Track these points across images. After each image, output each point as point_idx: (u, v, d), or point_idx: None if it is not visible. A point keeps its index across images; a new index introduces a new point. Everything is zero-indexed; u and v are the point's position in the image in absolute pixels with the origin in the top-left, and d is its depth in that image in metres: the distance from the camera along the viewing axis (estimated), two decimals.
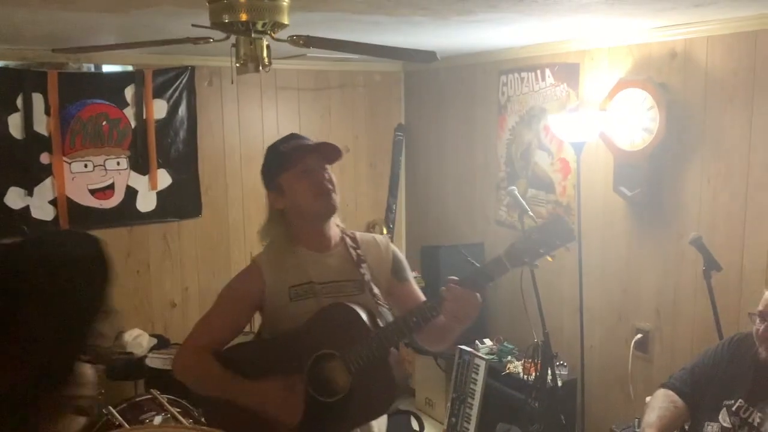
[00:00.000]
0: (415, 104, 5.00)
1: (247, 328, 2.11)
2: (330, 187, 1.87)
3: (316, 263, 1.87)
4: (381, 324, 1.81)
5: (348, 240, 1.93)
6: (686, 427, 2.25)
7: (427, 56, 1.87)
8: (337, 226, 1.98)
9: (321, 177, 1.85)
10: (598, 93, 3.44)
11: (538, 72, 3.87)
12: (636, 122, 3.20)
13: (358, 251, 1.91)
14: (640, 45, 3.24)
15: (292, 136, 1.93)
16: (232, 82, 2.99)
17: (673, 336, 3.22)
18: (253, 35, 1.85)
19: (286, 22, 1.90)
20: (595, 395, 3.62)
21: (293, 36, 1.90)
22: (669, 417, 2.11)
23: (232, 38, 1.92)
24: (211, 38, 1.95)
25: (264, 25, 1.84)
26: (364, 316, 1.78)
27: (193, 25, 1.65)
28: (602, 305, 3.59)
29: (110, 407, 3.07)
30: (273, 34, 1.91)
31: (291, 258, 1.87)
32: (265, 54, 1.92)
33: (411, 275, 2.01)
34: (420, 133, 4.96)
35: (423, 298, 1.95)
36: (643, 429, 2.09)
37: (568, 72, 3.67)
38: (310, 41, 1.89)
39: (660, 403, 2.17)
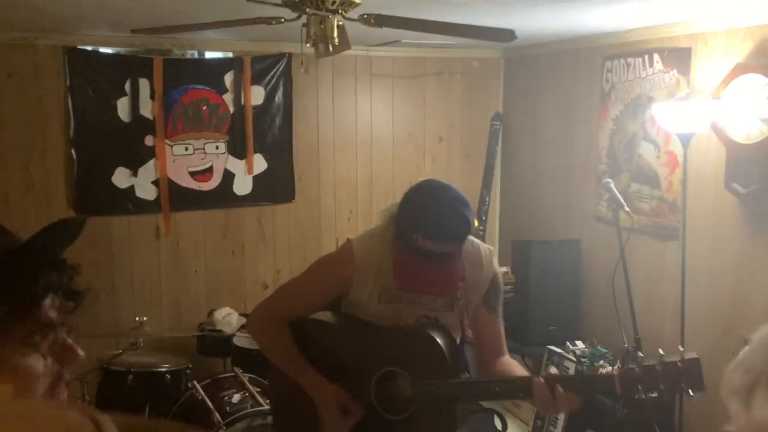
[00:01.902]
0: (514, 92, 4.81)
1: None
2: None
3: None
4: (459, 367, 1.73)
5: None
6: None
7: (504, 35, 1.76)
8: None
9: (422, 287, 1.74)
10: (712, 80, 3.14)
11: (646, 57, 3.59)
12: (753, 112, 2.88)
13: (462, 264, 1.77)
14: (760, 26, 2.91)
15: (444, 232, 1.66)
16: (302, 63, 2.99)
17: None
18: (323, 13, 1.81)
19: (357, 1, 1.84)
20: (696, 410, 3.32)
21: (364, 15, 1.85)
22: None
23: (303, 18, 1.89)
24: (282, 18, 1.94)
25: (334, 3, 1.80)
26: (446, 352, 1.68)
27: (253, 1, 1.63)
28: (707, 313, 3.29)
29: (195, 381, 3.18)
30: (344, 13, 1.86)
31: (388, 255, 1.78)
32: (335, 34, 1.88)
33: (501, 306, 1.88)
34: (518, 123, 4.77)
35: (501, 331, 1.84)
36: None
37: (679, 57, 3.37)
38: (380, 20, 1.82)
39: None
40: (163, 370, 3.26)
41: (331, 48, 1.90)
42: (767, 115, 2.82)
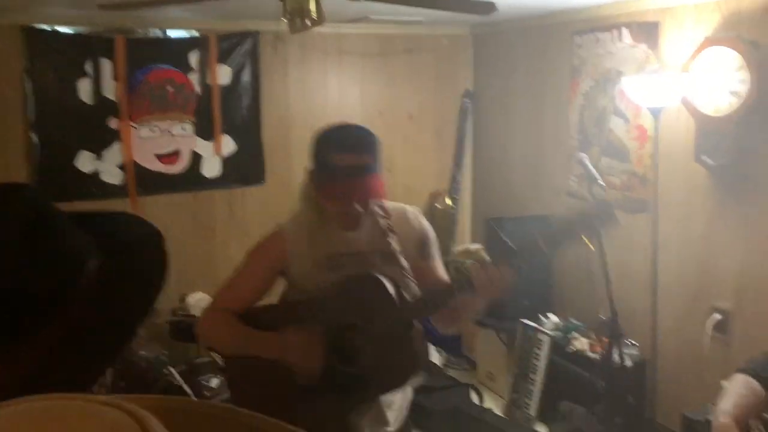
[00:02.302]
0: (483, 69, 4.80)
1: None
2: (358, 214, 1.79)
3: (344, 236, 1.85)
4: (408, 297, 1.77)
5: (377, 209, 1.86)
6: (766, 416, 2.06)
7: (485, 7, 1.74)
8: None
9: (353, 209, 1.77)
10: (681, 54, 3.18)
11: (615, 32, 3.61)
12: (722, 85, 2.92)
13: (388, 222, 1.86)
14: (728, 0, 2.95)
15: (349, 142, 1.77)
16: (282, 38, 2.91)
17: (756, 318, 2.98)
18: None
19: None
20: (667, 378, 3.41)
21: None
22: (746, 405, 1.93)
23: None
24: None
25: None
26: (390, 288, 1.74)
27: None
28: (678, 284, 3.36)
29: (171, 368, 3.13)
30: None
31: (318, 229, 1.85)
32: (313, 7, 1.83)
33: (437, 252, 1.95)
34: (488, 100, 4.77)
35: (446, 277, 1.89)
36: (717, 416, 1.92)
37: (648, 31, 3.40)
38: None
39: (737, 389, 1.99)
40: (138, 357, 3.21)
41: (308, 22, 1.85)
42: (736, 88, 2.87)
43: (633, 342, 3.47)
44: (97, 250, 0.80)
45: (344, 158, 1.73)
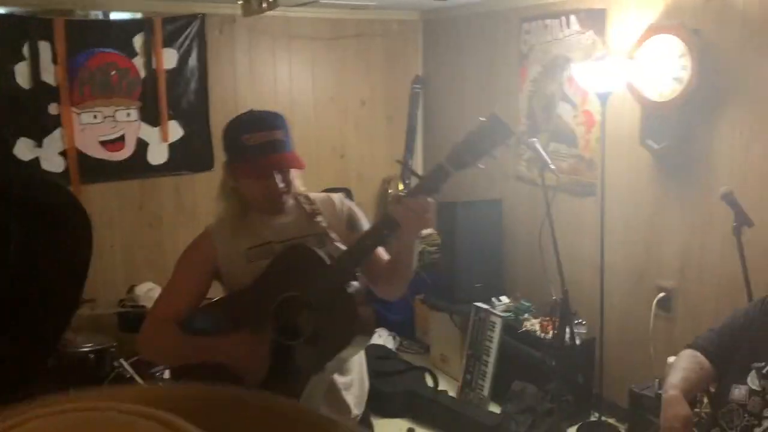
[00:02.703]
0: (433, 55, 4.82)
1: None
2: (281, 191, 1.78)
3: (271, 224, 1.85)
4: (335, 253, 1.78)
5: (301, 198, 1.89)
6: (712, 390, 2.15)
7: None
8: None
9: (274, 184, 1.76)
10: (626, 40, 3.27)
11: (563, 19, 3.68)
12: (666, 71, 3.02)
13: (313, 206, 1.88)
14: None
15: (257, 122, 1.78)
16: (234, 21, 2.85)
17: (698, 295, 3.11)
18: None
19: None
20: (614, 355, 3.53)
21: None
22: (694, 378, 2.02)
23: None
24: None
25: None
26: (320, 252, 1.75)
27: None
28: (624, 263, 3.48)
29: (122, 360, 3.05)
30: None
31: (245, 223, 1.84)
32: None
33: (364, 223, 1.96)
34: (438, 86, 4.80)
35: (381, 251, 1.88)
36: (666, 389, 2.00)
37: (595, 18, 3.48)
38: None
39: (685, 363, 2.07)
40: (86, 349, 3.11)
41: (265, 5, 1.81)
42: (679, 74, 2.97)
43: (582, 321, 3.57)
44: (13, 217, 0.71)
45: (255, 137, 1.74)
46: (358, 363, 1.95)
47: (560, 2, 3.67)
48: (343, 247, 1.81)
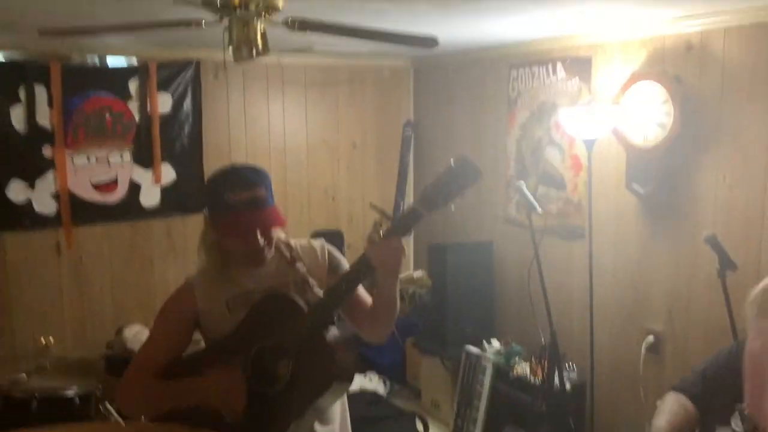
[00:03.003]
0: (424, 100, 4.91)
1: None
2: (262, 246, 1.80)
3: (252, 274, 1.86)
4: (313, 302, 1.78)
5: (281, 245, 1.90)
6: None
7: (427, 41, 1.79)
8: None
9: (255, 241, 1.78)
10: (611, 87, 3.34)
11: (550, 66, 3.77)
12: (649, 117, 3.09)
13: (292, 253, 1.89)
14: (654, 38, 3.14)
15: (240, 180, 1.78)
16: (224, 67, 2.92)
17: (687, 338, 3.11)
18: (248, 15, 1.77)
19: (280, 6, 1.82)
20: (604, 398, 3.51)
21: (288, 18, 1.83)
22: (679, 422, 2.01)
23: (225, 21, 1.85)
24: (203, 19, 1.89)
25: (257, 6, 1.77)
26: (298, 299, 1.75)
27: (175, 1, 1.58)
28: (613, 306, 3.48)
29: (107, 403, 3.01)
30: (268, 17, 1.84)
31: (225, 273, 1.85)
32: (259, 38, 1.85)
33: (344, 264, 1.96)
34: (429, 129, 4.87)
35: (365, 294, 1.90)
36: None
37: (580, 66, 3.57)
38: (305, 24, 1.81)
39: (670, 407, 2.06)
40: (71, 393, 3.07)
41: (254, 52, 1.86)
42: (662, 120, 3.03)
43: (572, 364, 3.56)
44: None
45: (237, 195, 1.74)
46: (340, 411, 1.93)
47: (547, 50, 3.77)
48: (320, 292, 1.82)
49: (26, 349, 3.24)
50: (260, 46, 1.86)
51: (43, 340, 3.04)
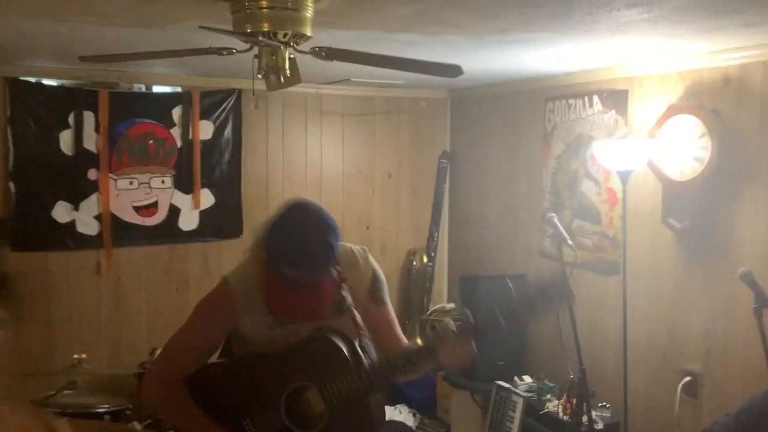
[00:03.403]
0: (460, 131, 4.93)
1: None
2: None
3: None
4: (363, 357, 1.76)
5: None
6: None
7: (451, 70, 1.81)
8: None
9: (284, 312, 1.77)
10: (648, 120, 3.30)
11: (586, 98, 3.75)
12: (686, 151, 3.03)
13: (338, 268, 1.83)
14: (691, 71, 3.09)
15: (304, 262, 1.69)
16: (253, 93, 3.01)
17: (725, 379, 2.99)
18: (275, 44, 1.83)
19: (308, 34, 1.87)
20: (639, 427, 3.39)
21: (315, 48, 1.88)
22: None
23: (255, 50, 1.91)
24: (233, 48, 1.95)
25: (286, 35, 1.82)
26: (345, 350, 1.72)
27: (203, 27, 1.64)
28: (647, 345, 3.38)
29: (135, 422, 3.06)
30: (296, 46, 1.89)
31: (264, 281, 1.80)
32: (287, 65, 1.90)
33: (388, 297, 1.94)
34: (465, 161, 4.88)
35: (396, 323, 1.90)
36: None
37: (617, 98, 3.54)
38: (331, 53, 1.86)
39: None
40: (102, 410, 3.13)
41: (282, 80, 1.91)
42: (699, 154, 2.97)
43: (605, 404, 3.45)
44: None
45: (297, 274, 1.69)
46: None
47: (584, 83, 3.75)
48: (362, 326, 1.81)
49: (62, 366, 3.32)
50: (289, 74, 1.90)
51: (76, 356, 3.11)
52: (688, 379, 3.15)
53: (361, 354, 1.77)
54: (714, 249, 3.02)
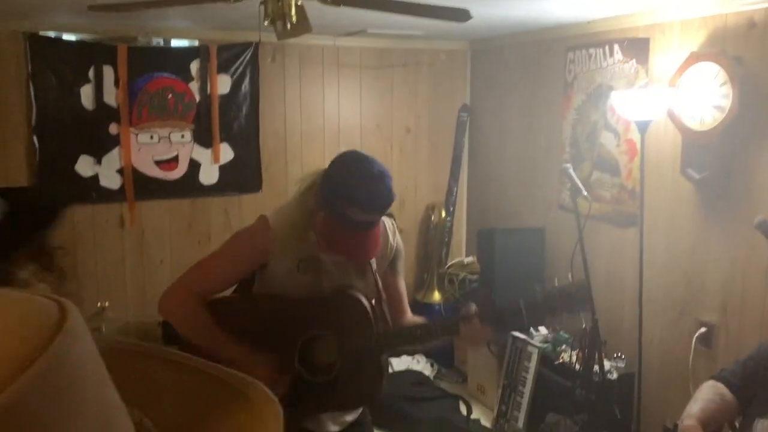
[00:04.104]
0: (480, 84, 4.87)
1: None
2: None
3: None
4: (387, 318, 1.84)
5: None
6: (737, 424, 2.06)
7: (460, 14, 1.79)
8: None
9: (342, 253, 1.79)
10: (668, 69, 3.22)
11: (607, 48, 3.66)
12: (707, 100, 2.96)
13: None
14: (715, 16, 3.00)
15: (371, 204, 1.72)
16: (259, 41, 2.98)
17: (740, 330, 2.98)
18: None
19: None
20: (653, 390, 3.41)
21: None
22: (714, 409, 1.95)
23: None
24: None
25: None
26: (368, 309, 1.80)
27: None
28: (664, 296, 3.37)
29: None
30: None
31: (303, 231, 1.84)
32: (293, 12, 1.89)
33: (402, 267, 2.03)
34: (485, 114, 4.83)
35: (404, 291, 1.99)
36: (683, 419, 1.94)
37: (638, 47, 3.45)
38: None
39: (706, 394, 2.01)
40: None
41: (289, 27, 1.91)
42: (720, 102, 2.90)
43: (620, 355, 3.47)
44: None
45: (361, 216, 1.71)
46: None
47: (604, 32, 3.66)
48: (382, 289, 1.88)
49: (87, 314, 3.43)
50: (295, 20, 1.90)
51: (99, 304, 3.21)
52: (703, 330, 3.14)
53: (385, 315, 1.84)
54: (733, 199, 2.97)
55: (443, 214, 4.84)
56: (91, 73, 3.87)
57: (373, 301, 1.88)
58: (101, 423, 0.45)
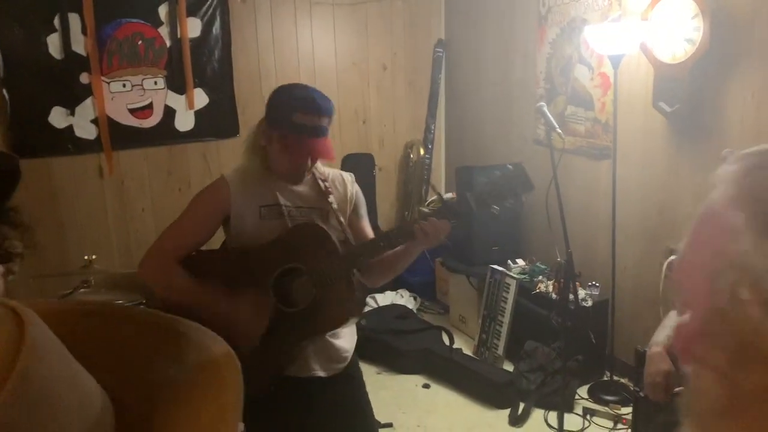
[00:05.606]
0: (456, 19, 4.81)
1: None
2: (305, 169, 1.95)
3: (286, 189, 1.96)
4: (349, 239, 1.94)
5: (317, 173, 2.01)
6: None
7: None
8: None
9: (304, 164, 1.92)
10: (641, 2, 3.22)
11: None
12: (678, 32, 2.99)
13: (326, 183, 2.00)
14: None
15: (312, 104, 1.86)
16: None
17: None
18: None
19: None
20: (625, 316, 3.58)
21: None
22: None
23: None
24: None
25: None
26: (333, 236, 1.90)
27: None
28: (637, 226, 3.49)
29: None
30: None
31: (262, 181, 1.94)
32: None
33: (366, 213, 2.12)
34: (460, 50, 4.80)
35: (370, 233, 2.06)
36: (650, 346, 2.06)
37: None
38: None
39: (672, 322, 2.12)
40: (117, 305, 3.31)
41: None
42: (691, 36, 2.93)
43: (595, 283, 3.62)
44: None
45: (309, 119, 1.84)
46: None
47: None
48: (346, 228, 1.97)
49: (75, 267, 3.47)
50: None
51: (86, 257, 3.25)
52: (673, 257, 3.27)
53: (347, 236, 1.96)
54: (704, 131, 3.05)
55: (422, 151, 4.88)
56: (56, 22, 3.76)
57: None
58: (81, 415, 0.47)
